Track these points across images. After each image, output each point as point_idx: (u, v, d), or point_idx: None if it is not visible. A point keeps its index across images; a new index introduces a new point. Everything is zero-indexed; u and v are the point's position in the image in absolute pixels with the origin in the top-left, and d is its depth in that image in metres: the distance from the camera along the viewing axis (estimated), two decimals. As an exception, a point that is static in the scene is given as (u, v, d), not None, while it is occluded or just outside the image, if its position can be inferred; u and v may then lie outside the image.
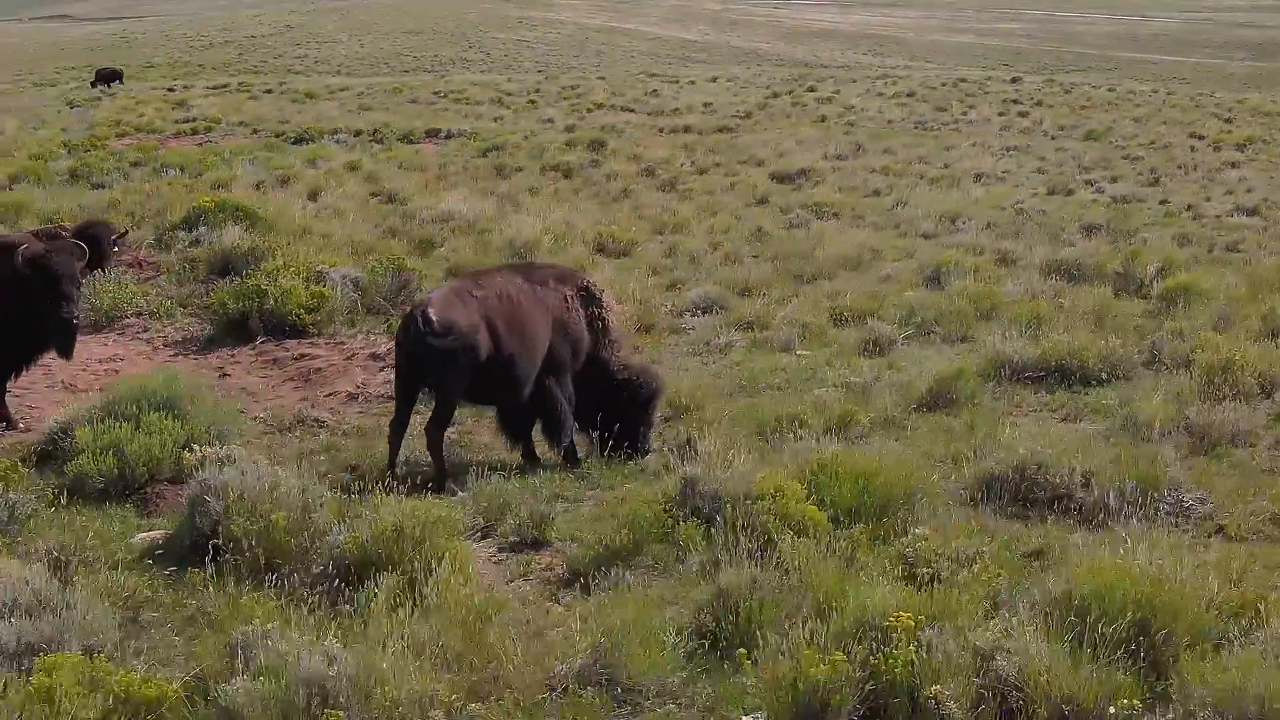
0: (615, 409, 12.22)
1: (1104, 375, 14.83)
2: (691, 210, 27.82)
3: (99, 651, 7.82)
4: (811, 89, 69.99)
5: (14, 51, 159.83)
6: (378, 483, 10.13)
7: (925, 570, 8.97)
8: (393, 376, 12.50)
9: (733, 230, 24.71)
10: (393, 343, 13.37)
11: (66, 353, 13.93)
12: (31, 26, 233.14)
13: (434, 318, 11.10)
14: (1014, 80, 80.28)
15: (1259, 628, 8.08)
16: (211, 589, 8.81)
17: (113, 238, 19.92)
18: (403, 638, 7.78)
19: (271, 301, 16.80)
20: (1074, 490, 10.94)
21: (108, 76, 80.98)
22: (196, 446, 11.11)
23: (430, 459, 11.56)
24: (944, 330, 17.35)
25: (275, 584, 8.99)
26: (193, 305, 18.18)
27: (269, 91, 69.37)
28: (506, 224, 23.88)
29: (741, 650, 7.73)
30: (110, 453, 11.07)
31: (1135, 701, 7.20)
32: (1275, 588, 9.09)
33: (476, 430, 13.28)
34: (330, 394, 14.74)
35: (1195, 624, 7.88)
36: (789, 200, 29.64)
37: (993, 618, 8.10)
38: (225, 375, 15.80)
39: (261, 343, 16.65)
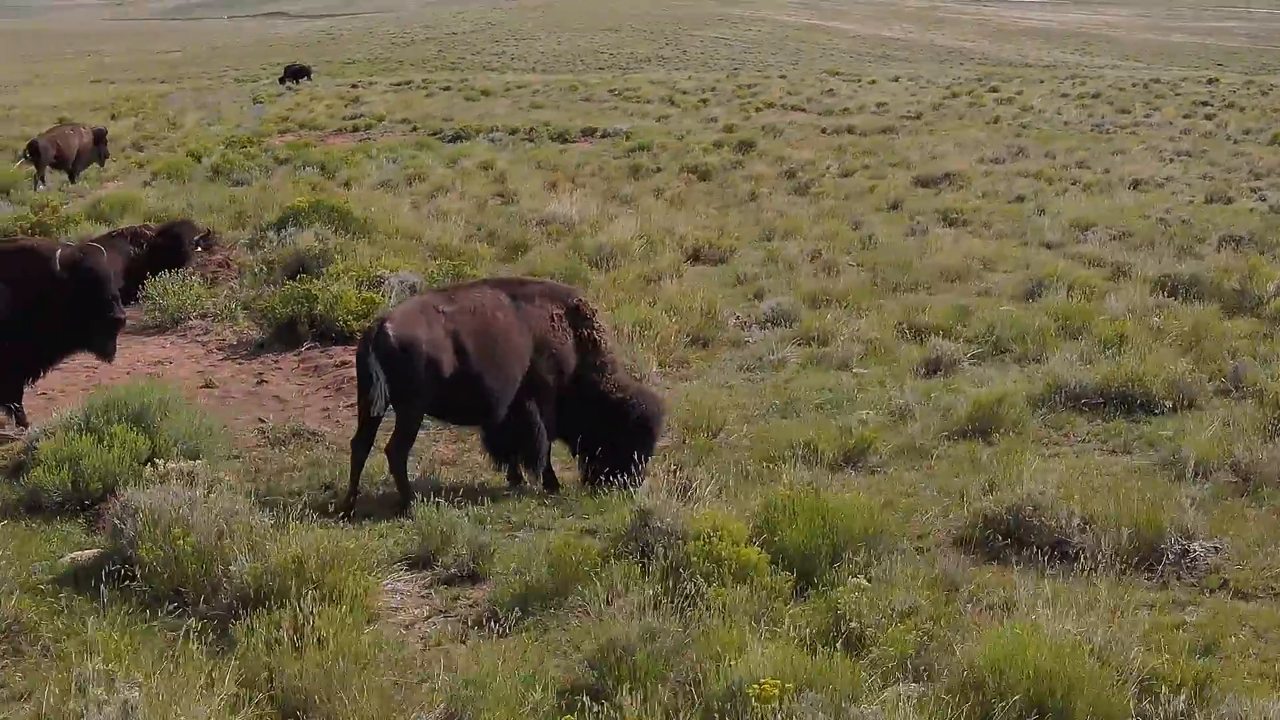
0: (608, 433, 11.57)
1: (1169, 404, 13.74)
2: (812, 215, 26.96)
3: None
4: (994, 89, 68.17)
5: (226, 48, 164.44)
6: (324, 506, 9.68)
7: (852, 625, 8.19)
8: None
9: (842, 237, 23.79)
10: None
11: (107, 355, 13.87)
12: (250, 23, 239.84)
13: (391, 334, 10.58)
14: (1210, 81, 77.10)
15: (1197, 708, 7.17)
16: (89, 620, 8.40)
17: (195, 238, 19.95)
18: (237, 683, 7.28)
19: (320, 307, 16.49)
20: (1071, 535, 10.03)
21: (296, 73, 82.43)
22: (159, 461, 10.81)
23: (393, 480, 11.07)
24: (1019, 349, 16.33)
25: (175, 614, 8.60)
26: (255, 308, 17.92)
27: (446, 89, 69.94)
28: (606, 228, 23.36)
29: (602, 712, 7.09)
30: (66, 466, 10.77)
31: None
32: (1250, 656, 8.16)
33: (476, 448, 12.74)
34: (351, 404, 14.32)
35: (1100, 703, 6.98)
36: (921, 206, 28.59)
37: (889, 687, 7.31)
38: (263, 381, 15.52)
39: (307, 349, 16.35)
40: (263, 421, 13.69)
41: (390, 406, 10.85)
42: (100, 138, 35.45)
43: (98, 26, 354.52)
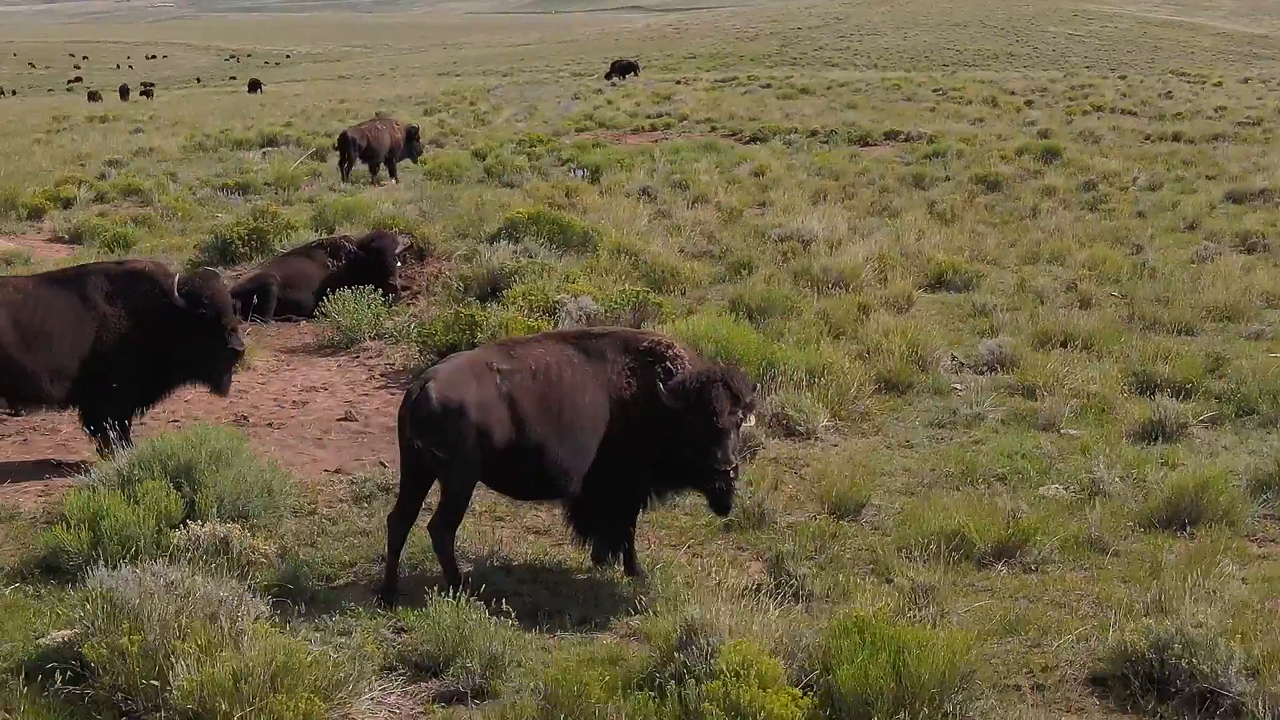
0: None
1: None
2: (1090, 235, 24.48)
3: None
4: (1359, 92, 63.04)
5: (576, 41, 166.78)
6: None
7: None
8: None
9: (1111, 263, 21.29)
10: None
11: (221, 389, 12.89)
12: (605, 16, 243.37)
13: (433, 397, 9.11)
14: None
15: None
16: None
17: (397, 250, 19.05)
18: None
19: (483, 334, 15.20)
20: (1229, 685, 7.91)
21: (623, 68, 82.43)
22: (193, 524, 9.67)
23: (439, 560, 9.60)
24: (1270, 411, 13.92)
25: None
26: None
27: (767, 86, 68.57)
28: (846, 247, 21.54)
29: None
30: (87, 525, 9.68)
31: None
32: None
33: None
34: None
35: None
36: (1221, 227, 25.66)
37: None
38: (403, 416, 14.30)
39: (465, 380, 15.09)
40: (384, 466, 12.43)
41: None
42: (413, 135, 35.61)
43: (462, 20, 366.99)
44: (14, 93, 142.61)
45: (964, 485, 11.96)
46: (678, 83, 73.89)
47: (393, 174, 34.34)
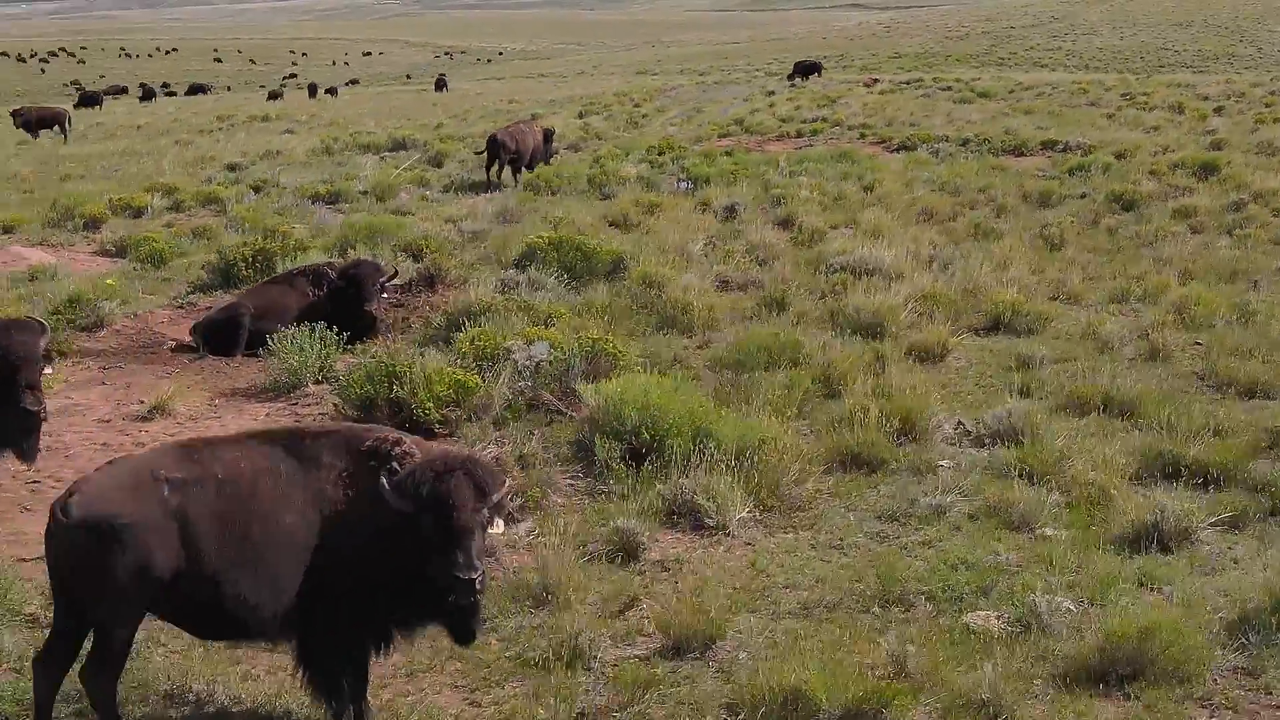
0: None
1: None
2: (1203, 267, 21.60)
3: None
4: None
5: (783, 40, 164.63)
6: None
7: None
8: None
9: (1206, 304, 18.42)
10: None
11: (25, 456, 11.23)
12: (820, 14, 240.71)
13: (75, 515, 7.21)
14: None
15: None
16: None
17: (381, 280, 17.44)
18: None
19: (402, 388, 13.30)
20: None
21: (806, 69, 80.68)
22: None
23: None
24: (1312, 515, 11.35)
25: None
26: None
27: (947, 89, 65.60)
28: (909, 280, 19.22)
29: None
30: None
31: None
32: None
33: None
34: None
35: None
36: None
37: None
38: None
39: (375, 440, 13.20)
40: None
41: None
42: (549, 137, 35.85)
43: (681, 17, 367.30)
44: (228, 88, 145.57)
45: (875, 607, 9.69)
46: (866, 85, 71.17)
47: (516, 175, 33.93)
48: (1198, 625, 9.04)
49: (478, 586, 7.28)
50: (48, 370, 11.15)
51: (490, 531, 7.56)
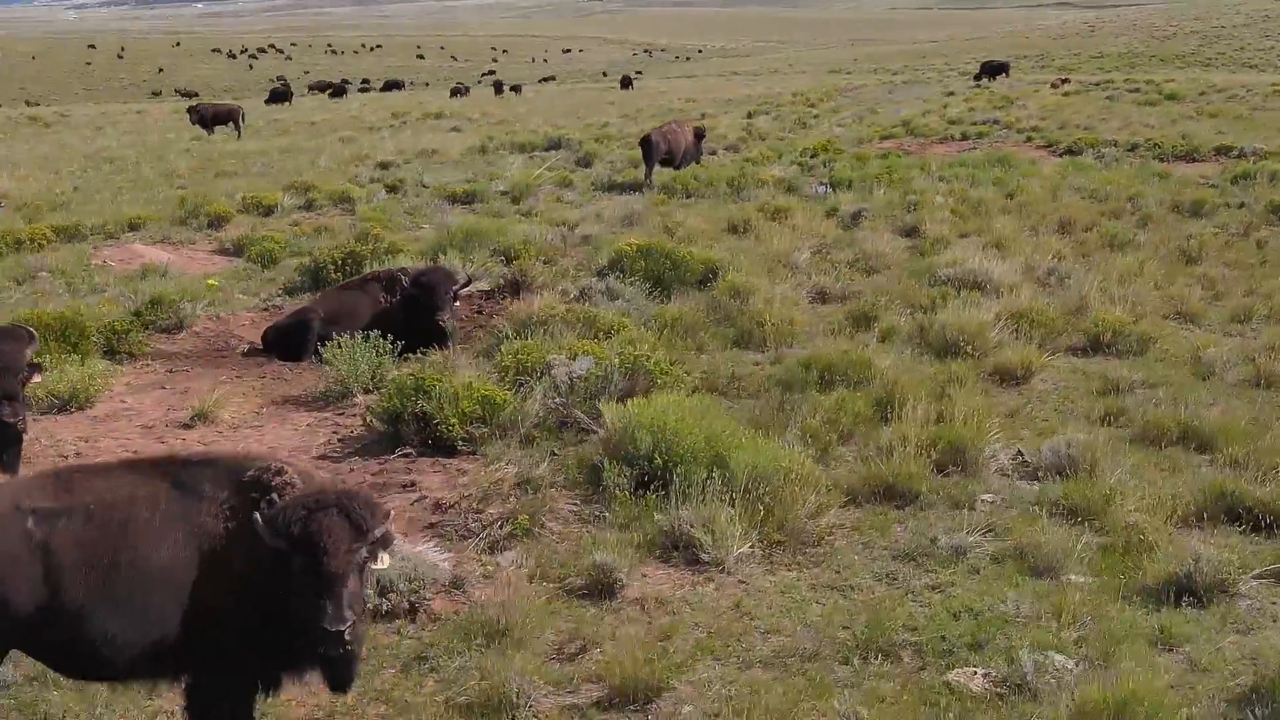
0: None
1: None
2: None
3: None
4: None
5: (980, 38, 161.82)
6: None
7: None
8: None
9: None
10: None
11: (8, 466, 10.98)
12: (1020, 13, 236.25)
13: (-79, 547, 6.83)
14: None
15: None
16: None
17: (453, 289, 17.09)
18: None
19: (428, 403, 12.84)
20: None
21: (993, 69, 79.59)
22: None
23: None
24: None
25: None
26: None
27: (1134, 90, 63.47)
28: (1019, 293, 18.29)
29: None
30: None
31: None
32: None
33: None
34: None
35: None
36: None
37: None
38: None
39: (397, 456, 12.77)
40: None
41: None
42: (700, 136, 35.57)
43: (884, 15, 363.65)
44: (426, 84, 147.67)
45: (856, 658, 8.93)
46: (1054, 85, 69.20)
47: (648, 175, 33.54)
48: (1197, 695, 8.17)
49: (347, 638, 6.74)
50: (35, 379, 10.89)
51: (375, 567, 7.03)
